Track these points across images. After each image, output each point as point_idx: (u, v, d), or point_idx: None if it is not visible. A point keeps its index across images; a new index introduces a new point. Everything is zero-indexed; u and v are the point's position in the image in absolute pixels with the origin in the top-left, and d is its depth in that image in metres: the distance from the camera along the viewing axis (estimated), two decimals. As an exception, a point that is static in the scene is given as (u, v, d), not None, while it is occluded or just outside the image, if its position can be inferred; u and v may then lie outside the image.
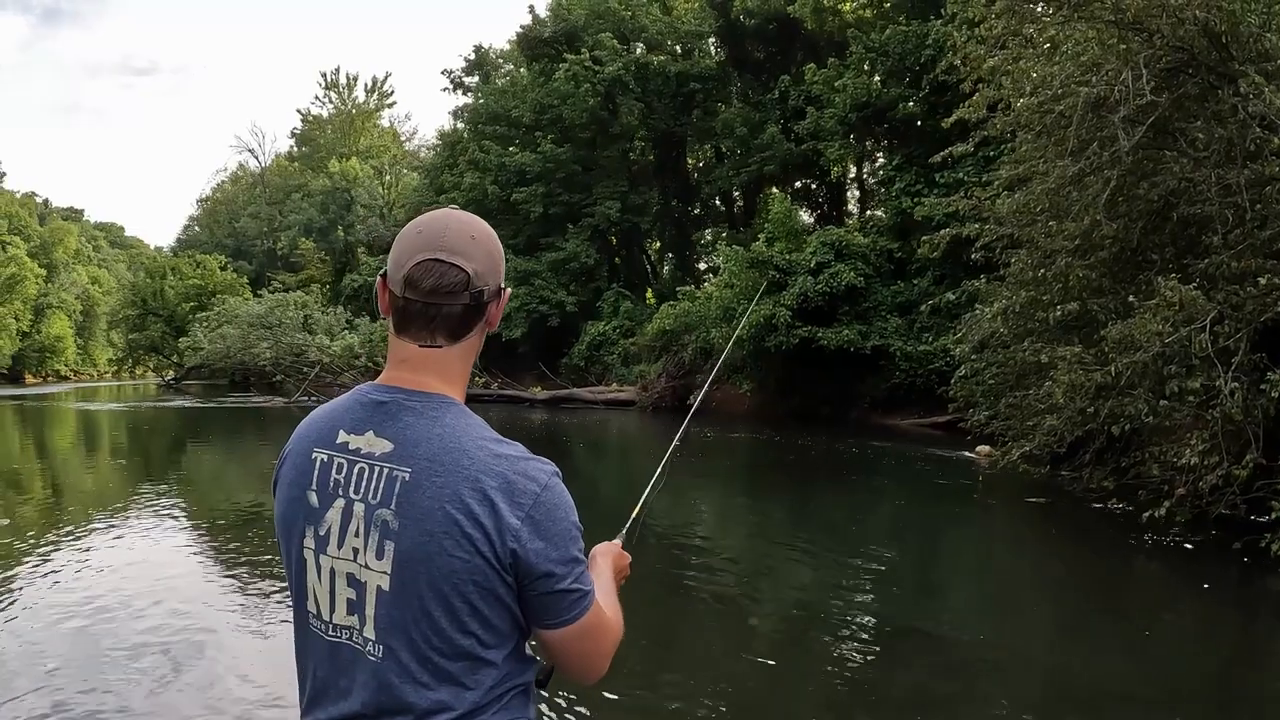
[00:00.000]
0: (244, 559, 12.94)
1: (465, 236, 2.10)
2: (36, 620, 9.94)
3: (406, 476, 2.02)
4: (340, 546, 2.07)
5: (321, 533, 2.09)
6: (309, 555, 2.11)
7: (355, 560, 2.05)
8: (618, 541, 2.74)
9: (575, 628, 2.09)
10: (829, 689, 8.03)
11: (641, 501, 3.17)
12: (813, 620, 10.28)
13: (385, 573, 2.02)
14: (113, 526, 15.43)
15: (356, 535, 2.05)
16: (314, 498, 2.11)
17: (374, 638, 2.04)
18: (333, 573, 2.08)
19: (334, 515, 2.08)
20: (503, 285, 2.18)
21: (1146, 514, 12.68)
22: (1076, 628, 10.10)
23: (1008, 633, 9.80)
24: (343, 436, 2.11)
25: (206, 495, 20.26)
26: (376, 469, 2.05)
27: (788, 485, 21.00)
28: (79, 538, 14.29)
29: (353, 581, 2.06)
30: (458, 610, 1.99)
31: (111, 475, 24.28)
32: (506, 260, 2.21)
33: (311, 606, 2.14)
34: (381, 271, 2.13)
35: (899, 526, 15.91)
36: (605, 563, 2.52)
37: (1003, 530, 16.18)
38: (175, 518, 16.86)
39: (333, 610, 2.10)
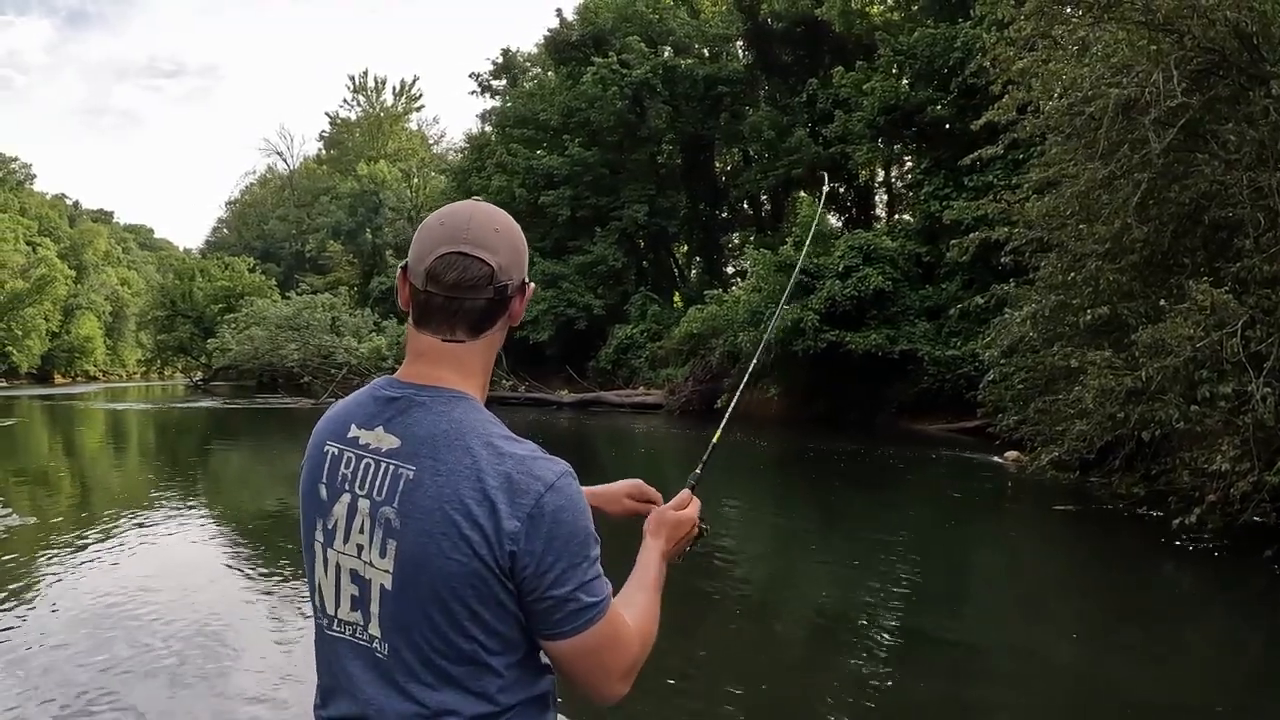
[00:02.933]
0: (270, 561, 12.96)
1: (489, 229, 2.03)
2: (61, 619, 9.99)
3: (410, 474, 1.97)
4: (345, 542, 2.03)
5: (329, 526, 2.06)
6: (318, 549, 2.09)
7: (359, 557, 2.01)
8: (688, 499, 2.57)
9: (578, 641, 1.97)
10: (854, 696, 7.96)
11: (710, 446, 2.93)
12: (838, 627, 10.22)
13: (388, 571, 1.97)
14: (139, 526, 15.48)
15: (361, 532, 2.01)
16: (324, 491, 2.08)
17: (379, 635, 2.00)
18: (338, 568, 2.05)
19: (340, 510, 2.04)
20: (526, 279, 2.11)
21: (1177, 521, 12.58)
22: (1105, 637, 9.99)
23: (1035, 642, 9.70)
24: (354, 431, 2.07)
25: (233, 496, 20.33)
26: (383, 465, 2.00)
27: (814, 490, 20.92)
28: (105, 537, 14.34)
29: (356, 578, 2.03)
30: (457, 614, 1.93)
31: (139, 475, 24.40)
32: (534, 263, 2.13)
33: (318, 601, 2.11)
34: (402, 264, 2.08)
35: (926, 532, 15.80)
36: (657, 543, 2.39)
37: (1031, 537, 16.06)
38: (201, 518, 16.94)
39: (337, 605, 2.07)
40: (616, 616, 2.02)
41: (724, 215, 56.21)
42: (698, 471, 2.76)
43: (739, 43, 51.27)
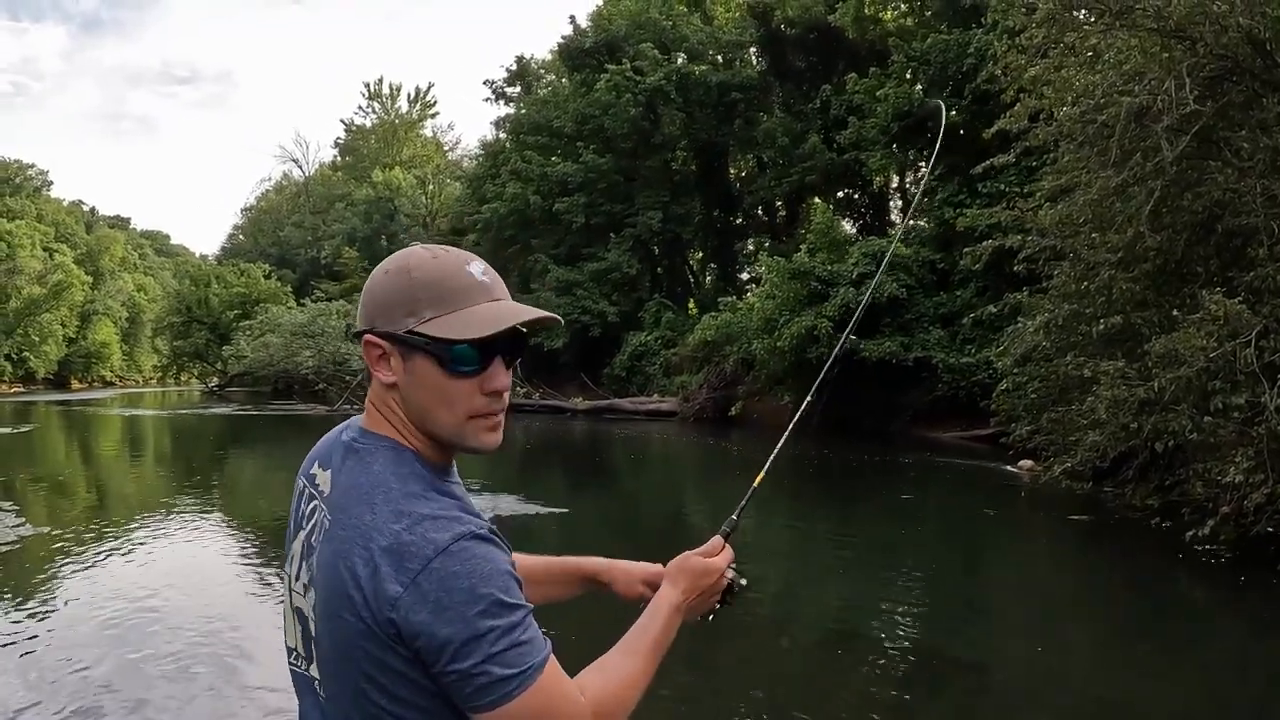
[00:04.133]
0: (280, 570, 12.94)
1: (375, 273, 1.99)
2: (76, 626, 10.11)
3: (327, 523, 1.89)
4: (296, 579, 1.98)
5: (290, 560, 2.01)
6: (286, 581, 2.03)
7: (304, 596, 1.94)
8: (719, 546, 2.35)
9: (497, 716, 1.77)
10: (865, 709, 7.90)
11: (750, 491, 2.74)
12: (850, 638, 10.19)
13: (313, 617, 1.90)
14: (154, 533, 15.60)
15: (304, 572, 1.94)
16: (291, 524, 2.04)
17: (319, 677, 1.93)
18: (291, 602, 2.00)
19: (296, 546, 1.99)
20: (375, 331, 1.94)
21: (1190, 533, 12.48)
22: (1118, 649, 9.93)
23: (1049, 656, 9.63)
24: (314, 468, 2.02)
25: (247, 503, 20.40)
26: (319, 509, 1.93)
27: (827, 498, 20.86)
28: (120, 543, 14.48)
29: (300, 615, 1.96)
30: (356, 674, 1.82)
31: (154, 481, 24.51)
32: (548, 270, 1.97)
33: (284, 630, 2.06)
34: None
35: (940, 543, 15.74)
36: (673, 592, 2.19)
37: (1045, 548, 15.99)
38: (216, 525, 17.03)
39: (287, 634, 2.03)
40: (553, 687, 1.81)
41: (738, 222, 56.17)
42: (734, 518, 2.53)
43: (752, 49, 51.16)
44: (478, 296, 1.92)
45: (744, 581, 2.34)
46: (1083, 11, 15.40)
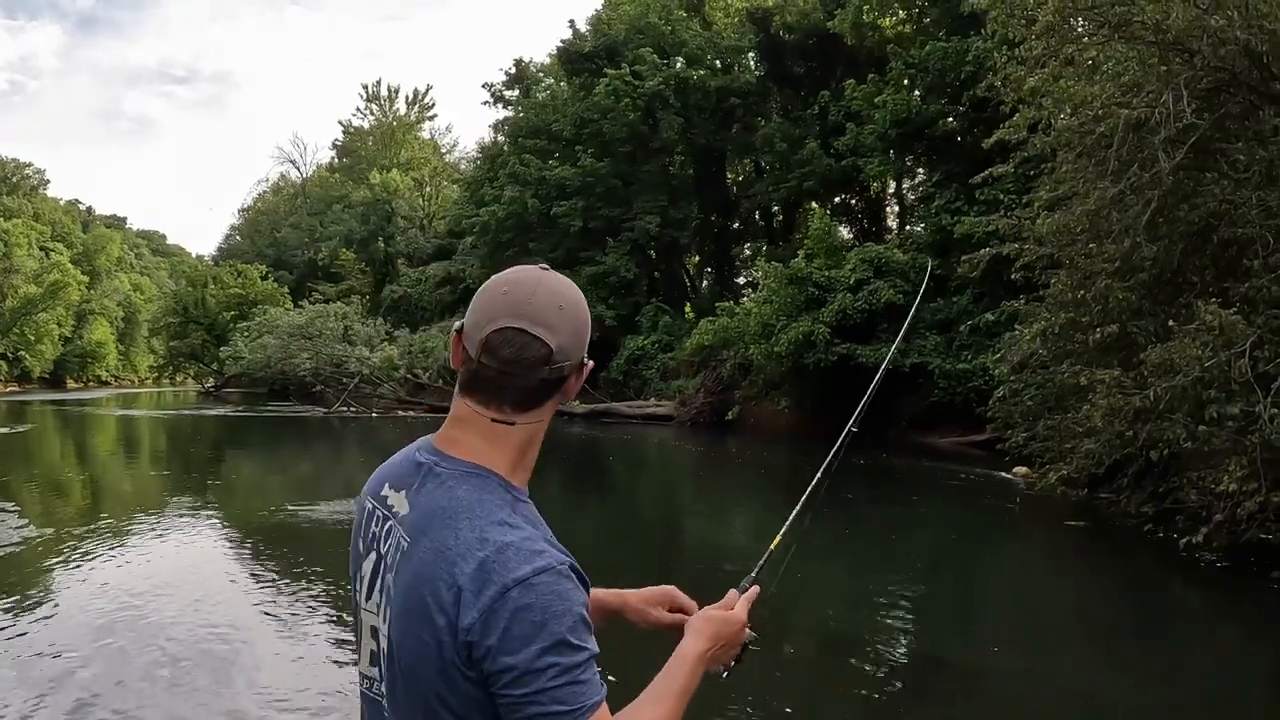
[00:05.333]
0: (279, 571, 13.05)
1: (553, 306, 1.96)
2: (70, 626, 10.11)
3: (405, 545, 1.94)
4: (369, 599, 2.03)
5: (361, 581, 2.06)
6: (357, 600, 2.08)
7: (377, 615, 1.99)
8: (736, 600, 2.40)
9: None
10: (859, 712, 7.99)
11: (780, 533, 2.85)
12: (845, 643, 10.26)
13: (387, 637, 1.95)
14: (150, 534, 15.64)
15: (379, 592, 1.99)
16: (360, 545, 2.07)
17: (387, 694, 1.99)
18: (362, 622, 2.05)
19: (367, 568, 2.03)
20: (585, 359, 2.04)
21: (1184, 539, 12.60)
22: (1113, 655, 10.04)
23: (1043, 661, 9.73)
24: (386, 490, 2.05)
25: (243, 505, 20.41)
26: (394, 530, 1.98)
27: (824, 503, 20.91)
28: (116, 545, 14.53)
29: (375, 634, 2.01)
30: (428, 696, 1.89)
31: (151, 482, 24.52)
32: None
33: (356, 651, 2.10)
34: (458, 325, 2.00)
35: (935, 547, 15.85)
36: (697, 643, 2.20)
37: (1040, 553, 16.09)
38: (212, 527, 17.06)
39: (361, 658, 2.07)
40: None
41: (735, 227, 56.29)
42: (753, 575, 2.57)
43: (751, 55, 51.18)
44: None
45: (754, 635, 2.38)
46: (1082, 23, 15.50)
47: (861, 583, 12.94)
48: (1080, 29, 15.54)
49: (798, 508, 3.02)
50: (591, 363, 2.08)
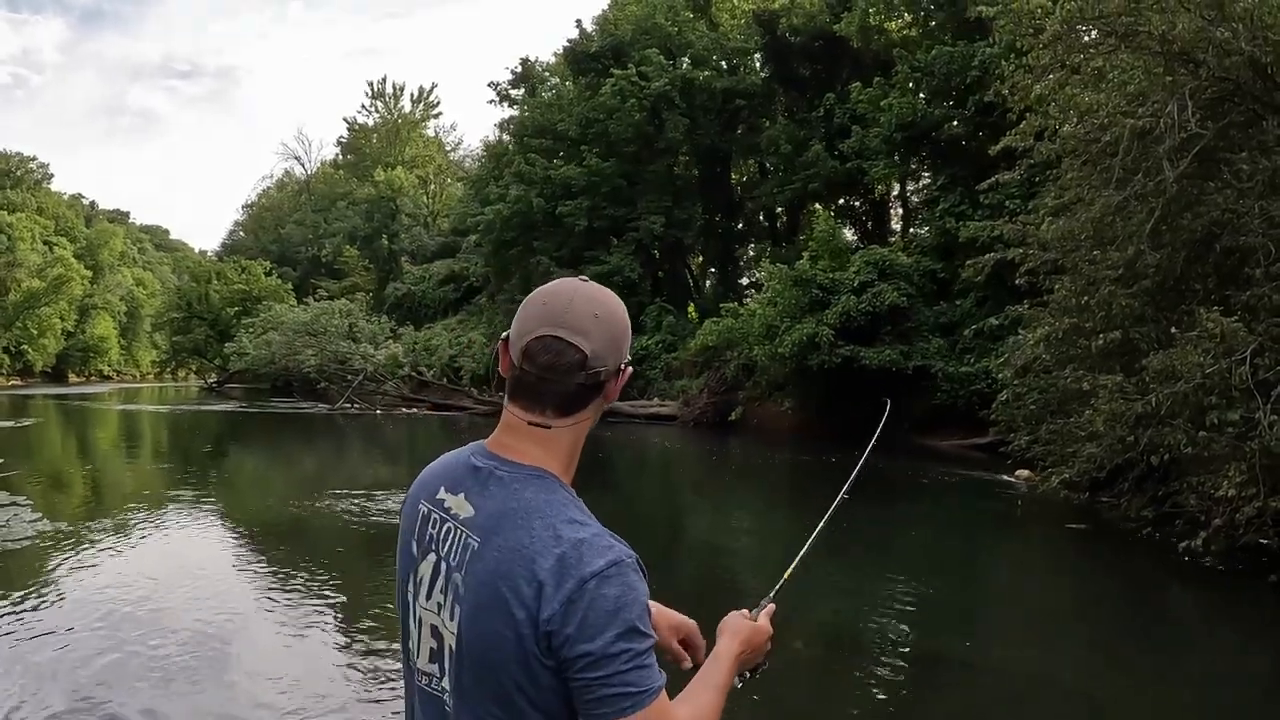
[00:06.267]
0: (281, 567, 13.16)
1: (589, 314, 2.09)
2: (70, 620, 10.15)
3: (475, 545, 2.06)
4: (428, 599, 2.13)
5: (418, 581, 2.16)
6: (410, 600, 2.19)
7: (438, 614, 2.11)
8: (759, 613, 2.52)
9: None
10: (861, 711, 8.10)
11: (798, 558, 2.97)
12: (847, 643, 10.38)
13: (455, 634, 2.07)
14: (151, 529, 15.72)
15: (441, 591, 2.10)
16: (415, 547, 2.18)
17: (450, 689, 2.11)
18: (421, 621, 2.16)
19: (426, 569, 2.14)
20: (624, 363, 2.16)
21: (1183, 543, 12.73)
22: (1112, 657, 10.14)
23: (1043, 662, 9.85)
24: (442, 493, 2.16)
25: (246, 501, 20.52)
26: (458, 532, 2.10)
27: (825, 504, 21.02)
28: (118, 540, 14.60)
29: (435, 633, 2.13)
30: (505, 685, 2.01)
31: (153, 477, 24.61)
32: (550, 273, 2.15)
33: (407, 648, 2.22)
34: (505, 334, 2.15)
35: (937, 549, 15.94)
36: (732, 644, 2.35)
37: (1041, 556, 16.19)
38: (214, 522, 17.14)
39: (419, 655, 2.17)
40: (661, 710, 2.01)
41: (740, 228, 56.26)
42: (770, 595, 2.68)
43: (757, 56, 51.18)
44: None
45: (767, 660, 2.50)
46: (1090, 32, 15.61)
47: (863, 582, 13.02)
48: (1087, 38, 15.65)
49: (814, 534, 3.15)
50: (630, 369, 2.20)
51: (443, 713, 2.14)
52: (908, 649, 9.99)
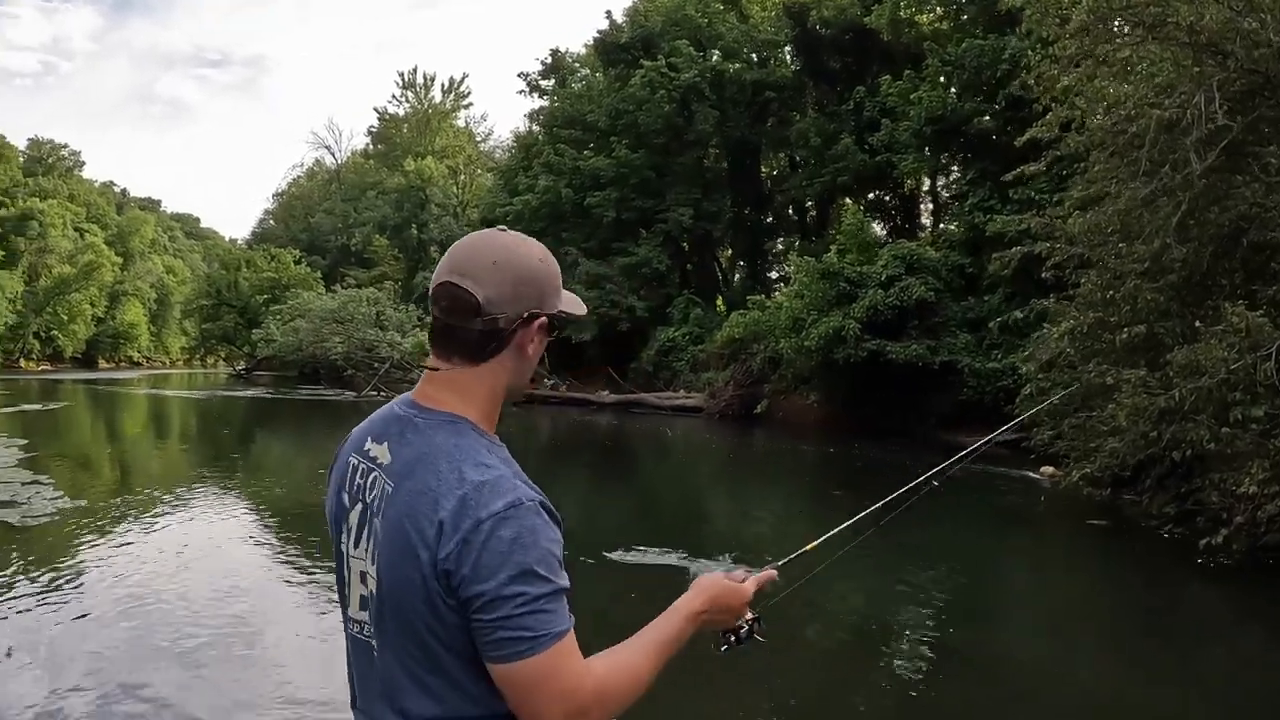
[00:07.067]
0: (305, 552, 13.11)
1: (487, 261, 2.11)
2: (94, 604, 10.18)
3: (390, 490, 2.09)
4: (357, 546, 2.16)
5: (349, 531, 2.19)
6: (344, 549, 2.22)
7: (365, 561, 2.14)
8: (752, 577, 2.45)
9: (505, 672, 1.97)
10: (881, 708, 8.04)
11: (823, 538, 2.98)
12: (867, 637, 10.34)
13: (376, 579, 2.10)
14: (177, 514, 15.77)
15: (367, 539, 2.13)
16: (345, 498, 2.22)
17: (377, 634, 2.13)
18: (351, 569, 2.19)
19: (355, 518, 2.17)
20: (540, 312, 2.16)
21: (1204, 541, 12.60)
22: (1132, 654, 10.07)
23: (1062, 659, 9.78)
24: (369, 444, 2.20)
25: (272, 486, 20.54)
26: (378, 478, 2.13)
27: (851, 499, 20.97)
28: (144, 523, 14.66)
29: (364, 579, 2.15)
30: (418, 628, 2.03)
31: (180, 462, 24.78)
32: (579, 264, 2.17)
33: (343, 596, 2.24)
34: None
35: (958, 544, 15.83)
36: (691, 600, 2.28)
37: (1062, 552, 16.12)
38: (240, 508, 17.17)
39: (351, 603, 2.20)
40: (562, 659, 1.98)
41: (769, 221, 56.15)
42: (777, 563, 2.67)
43: (787, 49, 51.06)
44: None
45: (761, 624, 2.43)
46: (1117, 23, 15.45)
47: (880, 576, 12.94)
48: (1114, 29, 15.49)
49: (850, 522, 3.25)
50: (549, 321, 2.20)
51: (372, 659, 2.17)
52: (927, 641, 9.92)
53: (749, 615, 2.41)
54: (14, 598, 10.35)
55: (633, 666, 2.13)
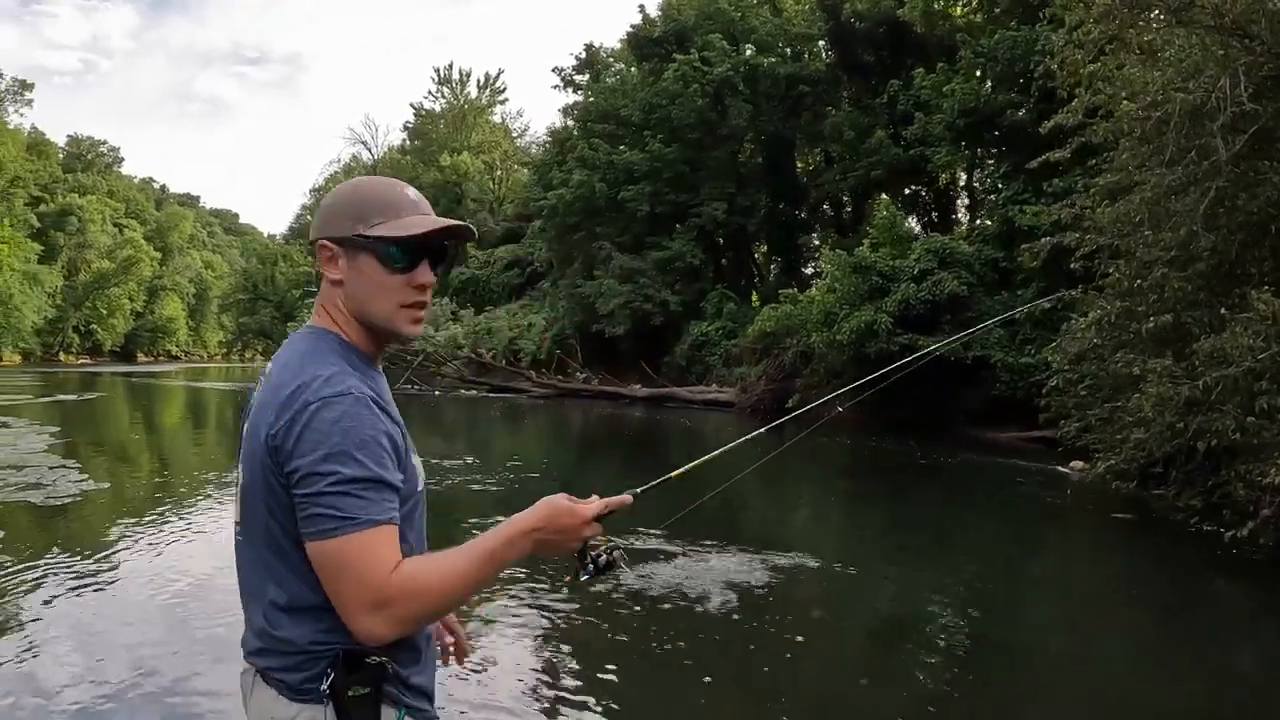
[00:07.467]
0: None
1: (325, 199, 2.43)
2: (131, 595, 10.17)
3: (255, 393, 2.33)
4: (239, 455, 2.34)
5: (243, 444, 2.35)
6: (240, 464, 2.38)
7: (239, 462, 2.33)
8: (592, 500, 2.40)
9: (314, 549, 2.09)
10: (910, 701, 7.93)
11: (691, 464, 3.06)
12: (897, 630, 10.29)
13: (240, 474, 2.30)
14: (213, 503, 15.76)
15: (244, 443, 2.32)
16: (244, 421, 2.39)
17: (242, 530, 2.32)
18: (239, 479, 2.34)
19: (246, 428, 2.34)
20: (331, 241, 2.35)
21: (1230, 534, 12.41)
22: (1158, 649, 9.96)
23: (1088, 653, 9.61)
24: (267, 366, 2.41)
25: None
26: (255, 388, 2.37)
27: (881, 494, 20.87)
28: (179, 512, 14.71)
29: (239, 481, 2.33)
30: (261, 514, 2.19)
31: (214, 451, 24.86)
32: (612, 258, 2.17)
33: (237, 507, 2.38)
34: None
35: (986, 538, 15.73)
36: (521, 520, 2.27)
37: (1089, 546, 15.94)
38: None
39: (237, 510, 2.36)
40: (367, 547, 2.05)
41: (803, 216, 55.85)
42: (636, 490, 2.63)
43: (821, 42, 50.98)
44: (410, 210, 2.37)
45: (621, 553, 2.45)
46: (1143, 8, 15.25)
47: (909, 570, 12.86)
48: (1141, 12, 15.28)
49: (719, 451, 3.25)
50: (326, 242, 2.36)
51: (243, 555, 2.35)
52: (953, 639, 9.79)
53: (606, 543, 2.45)
54: (39, 578, 10.43)
55: (452, 567, 2.17)
